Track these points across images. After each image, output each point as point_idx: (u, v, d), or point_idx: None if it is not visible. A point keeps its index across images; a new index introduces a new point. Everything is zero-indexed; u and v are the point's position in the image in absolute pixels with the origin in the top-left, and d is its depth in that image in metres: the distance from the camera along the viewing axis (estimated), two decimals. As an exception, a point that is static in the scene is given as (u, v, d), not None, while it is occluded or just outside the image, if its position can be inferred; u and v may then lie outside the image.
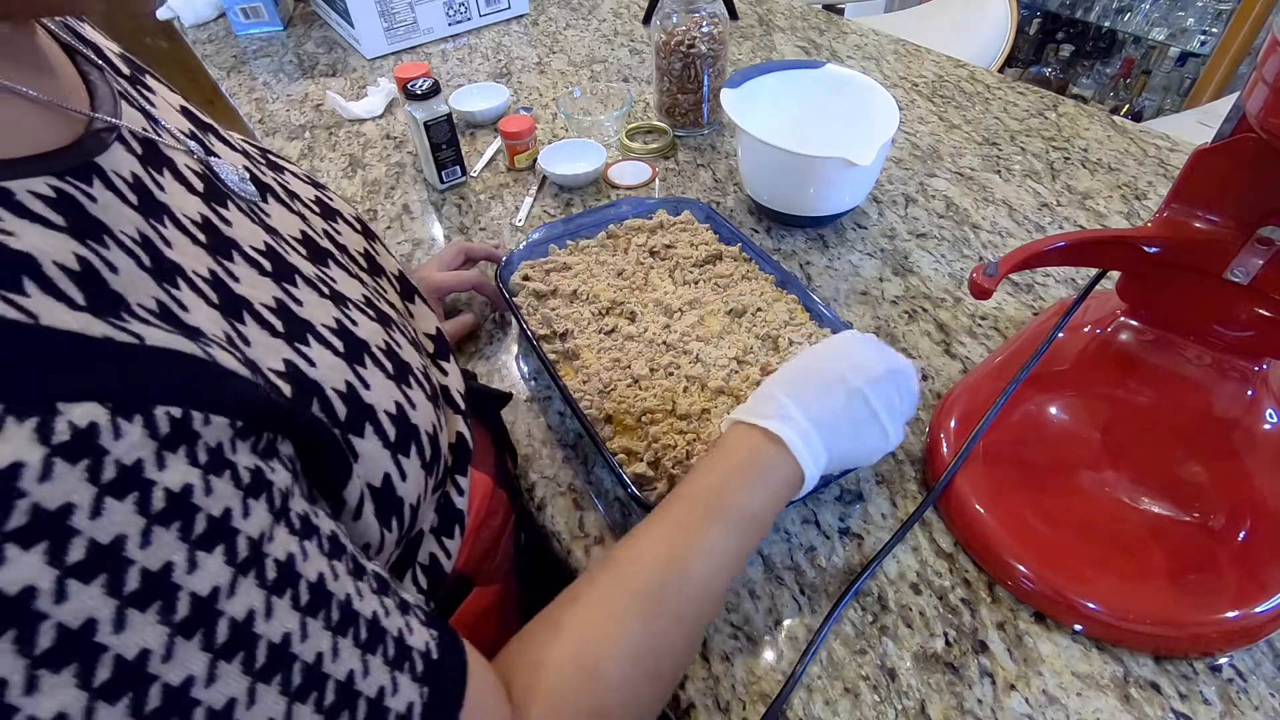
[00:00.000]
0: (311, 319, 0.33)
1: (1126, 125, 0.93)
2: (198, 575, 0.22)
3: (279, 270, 0.34)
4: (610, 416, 0.55)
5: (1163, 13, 2.08)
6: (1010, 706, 0.44)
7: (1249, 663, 0.45)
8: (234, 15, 1.30)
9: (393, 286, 0.47)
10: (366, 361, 0.35)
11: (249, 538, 0.24)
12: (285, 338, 0.31)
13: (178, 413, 0.22)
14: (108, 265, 0.24)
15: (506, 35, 1.26)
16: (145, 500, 0.21)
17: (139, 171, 0.29)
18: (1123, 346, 0.57)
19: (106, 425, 0.20)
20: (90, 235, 0.24)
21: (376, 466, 0.33)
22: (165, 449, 0.21)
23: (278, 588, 0.24)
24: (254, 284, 0.31)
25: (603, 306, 0.63)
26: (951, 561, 0.51)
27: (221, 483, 0.23)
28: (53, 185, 0.24)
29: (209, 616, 0.22)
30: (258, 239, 0.34)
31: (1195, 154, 0.48)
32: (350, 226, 0.46)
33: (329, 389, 0.31)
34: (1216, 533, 0.49)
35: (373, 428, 0.33)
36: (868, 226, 0.80)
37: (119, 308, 0.23)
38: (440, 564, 0.42)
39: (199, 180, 0.33)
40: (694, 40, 0.88)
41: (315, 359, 0.31)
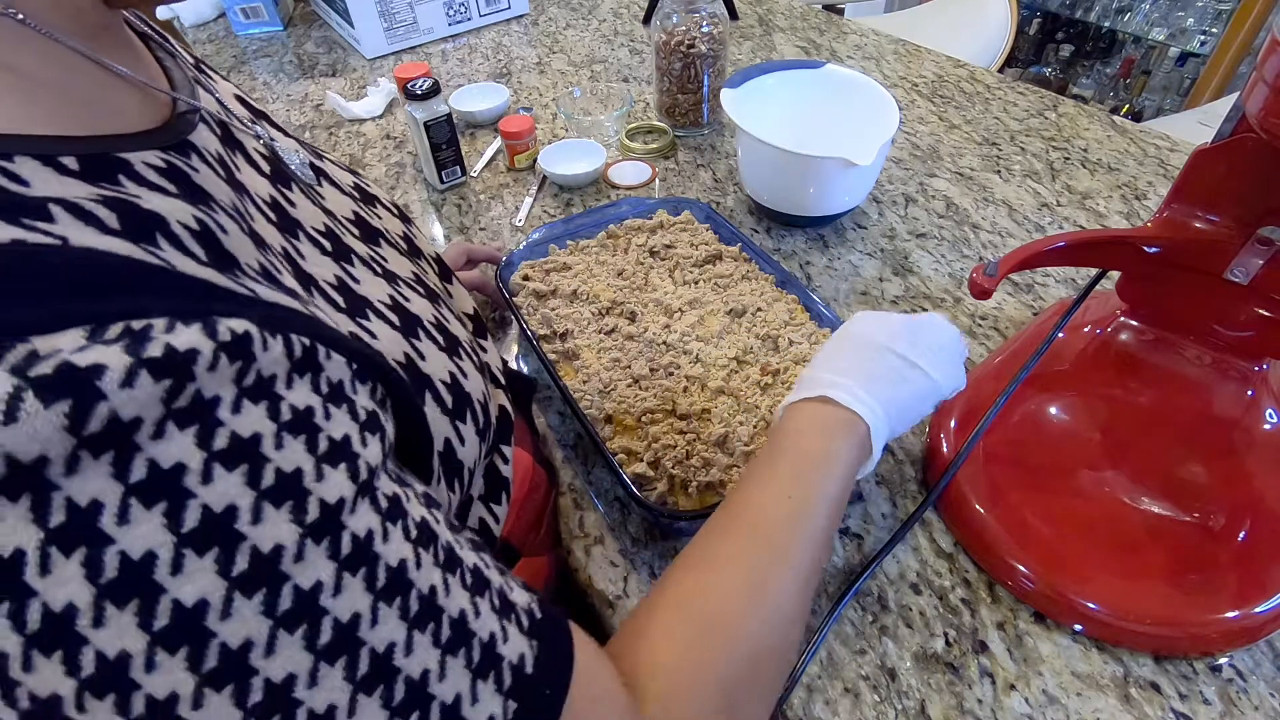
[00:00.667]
0: (369, 295, 0.34)
1: (1126, 125, 0.93)
2: (324, 485, 0.22)
3: (338, 250, 0.35)
4: (610, 416, 0.55)
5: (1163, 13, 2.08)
6: (1010, 706, 0.44)
7: (1249, 663, 0.45)
8: (234, 15, 1.30)
9: (432, 268, 0.48)
10: (420, 335, 0.36)
11: (368, 464, 0.24)
12: (348, 313, 0.32)
13: (308, 342, 0.24)
14: (219, 227, 0.25)
15: (506, 35, 1.26)
16: (275, 410, 0.22)
17: (221, 151, 0.31)
18: (1123, 346, 0.57)
19: (258, 337, 0.21)
20: (201, 200, 0.25)
21: (439, 432, 0.34)
22: (295, 371, 0.23)
23: (391, 516, 0.25)
24: (317, 262, 0.33)
25: (603, 306, 0.63)
26: (951, 561, 0.51)
27: (340, 413, 0.24)
28: (162, 158, 0.26)
29: (333, 527, 0.22)
30: (318, 220, 0.36)
31: (1195, 154, 0.48)
32: (389, 211, 0.48)
33: (390, 360, 0.32)
34: (1216, 533, 0.49)
35: (432, 396, 0.34)
36: (868, 226, 0.80)
37: (233, 266, 0.25)
38: (490, 529, 0.43)
39: (266, 163, 0.35)
40: (694, 40, 0.88)
41: (376, 332, 0.32)
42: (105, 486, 0.18)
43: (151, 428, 0.19)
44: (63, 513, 0.18)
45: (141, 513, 0.19)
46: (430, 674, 0.24)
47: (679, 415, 0.54)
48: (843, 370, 0.44)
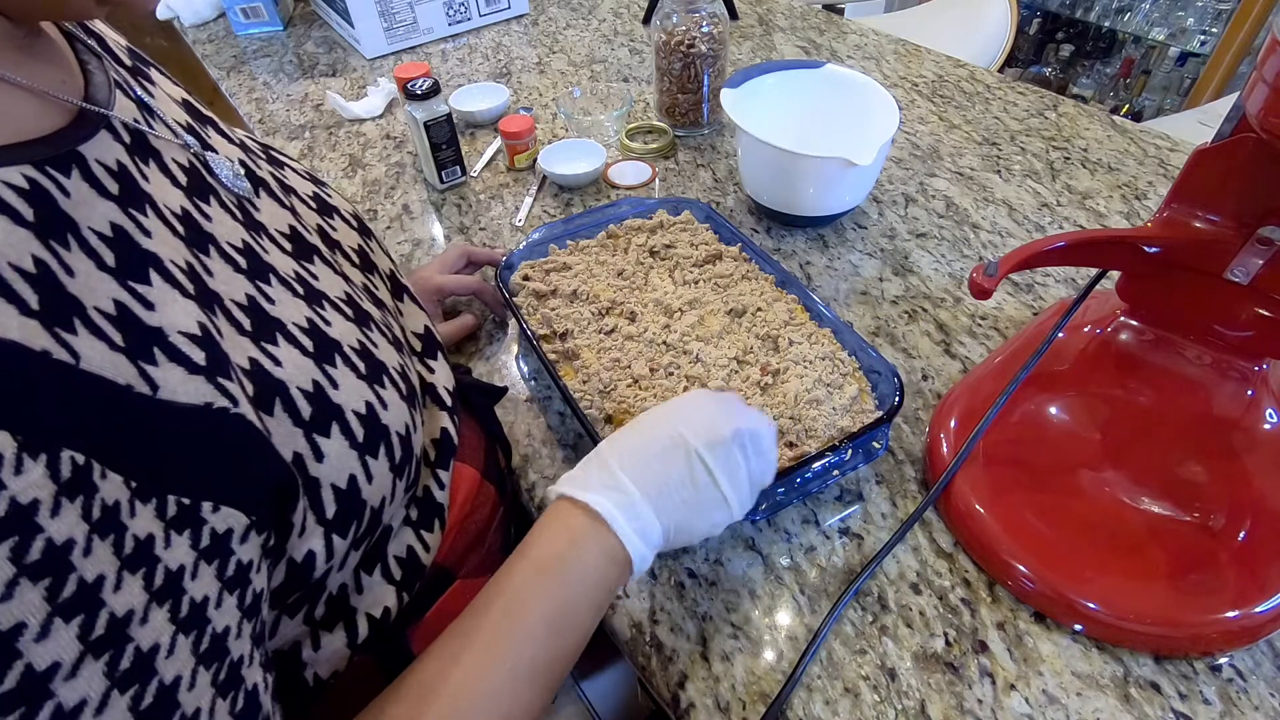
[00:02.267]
0: (282, 317, 0.33)
1: (1126, 125, 0.93)
2: (44, 646, 0.20)
3: (254, 267, 0.34)
4: (610, 416, 0.55)
5: (1163, 13, 2.08)
6: (1010, 706, 0.44)
7: (1249, 663, 0.45)
8: (234, 15, 1.30)
9: (384, 284, 0.47)
10: (337, 361, 0.35)
11: (112, 614, 0.22)
12: (251, 336, 0.31)
13: (81, 460, 0.22)
14: (65, 268, 0.24)
15: (506, 35, 1.26)
16: (24, 548, 0.20)
17: (124, 160, 0.30)
18: (1123, 346, 0.57)
19: (11, 458, 0.20)
20: (54, 234, 0.25)
21: (343, 467, 0.33)
22: (62, 494, 0.21)
23: (123, 682, 0.22)
24: (227, 280, 0.32)
25: (603, 306, 0.63)
26: (951, 561, 0.51)
27: (103, 546, 0.22)
28: (28, 176, 0.25)
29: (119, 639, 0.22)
30: (236, 236, 0.35)
31: (1195, 154, 0.48)
32: (346, 223, 0.47)
33: (294, 388, 0.32)
34: (1216, 533, 0.49)
35: (339, 427, 0.33)
36: (868, 226, 0.80)
37: (72, 313, 0.24)
38: (418, 556, 0.42)
39: (184, 174, 0.34)
40: (694, 40, 0.88)
41: (281, 358, 0.32)
42: None
43: None
44: None
45: None
46: None
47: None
48: (634, 470, 0.39)
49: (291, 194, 0.43)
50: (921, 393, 0.62)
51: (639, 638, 0.48)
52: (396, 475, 0.37)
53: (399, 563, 0.41)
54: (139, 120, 0.33)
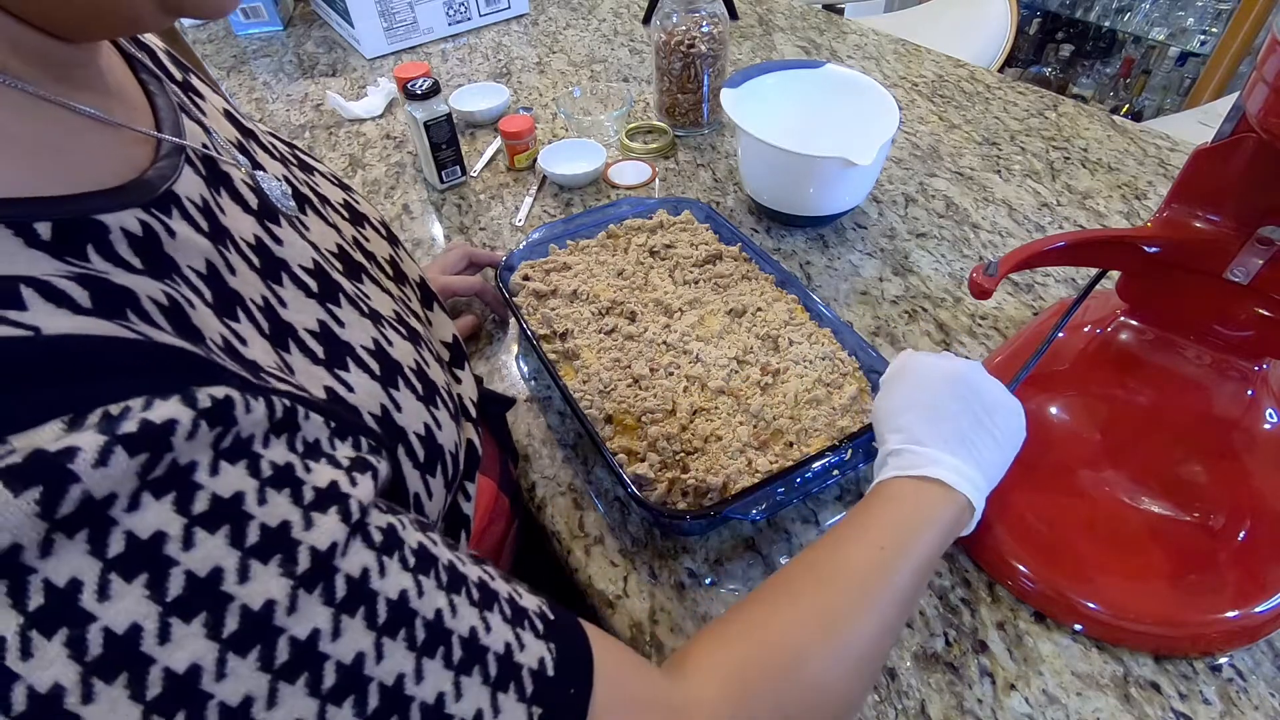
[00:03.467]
0: (352, 341, 0.33)
1: (1126, 125, 0.93)
2: (313, 532, 0.22)
3: (324, 289, 0.34)
4: (610, 416, 0.55)
5: (1163, 13, 2.08)
6: (1010, 706, 0.44)
7: (1249, 663, 0.45)
8: (234, 15, 1.30)
9: (415, 294, 0.47)
10: (399, 383, 0.35)
11: (359, 502, 0.24)
12: (326, 364, 0.31)
13: (288, 403, 0.24)
14: (187, 302, 0.25)
15: (506, 35, 1.26)
16: (255, 468, 0.22)
17: (205, 194, 0.30)
18: (1123, 346, 0.57)
19: (239, 400, 0.22)
20: (167, 273, 0.25)
21: (410, 487, 0.33)
22: (272, 432, 0.23)
23: (387, 548, 0.25)
24: (300, 307, 0.32)
25: (603, 306, 0.63)
26: (951, 561, 0.51)
27: (320, 465, 0.24)
28: (141, 220, 0.25)
29: (325, 574, 0.22)
30: (306, 256, 0.34)
31: (1195, 154, 0.48)
32: (377, 232, 0.46)
33: (366, 413, 0.31)
34: (1216, 533, 0.49)
35: (405, 450, 0.33)
36: (868, 226, 0.80)
37: (199, 341, 0.24)
38: None
39: (253, 195, 0.34)
40: (694, 40, 0.88)
41: (354, 384, 0.32)
42: (83, 564, 0.18)
43: (126, 501, 0.19)
44: (41, 595, 0.18)
45: (122, 586, 0.19)
46: (446, 696, 0.24)
47: (679, 415, 0.54)
48: (943, 439, 0.42)
49: (328, 205, 0.42)
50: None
51: (639, 638, 0.48)
52: (448, 492, 0.37)
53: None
54: (207, 145, 0.32)
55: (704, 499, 0.50)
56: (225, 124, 0.37)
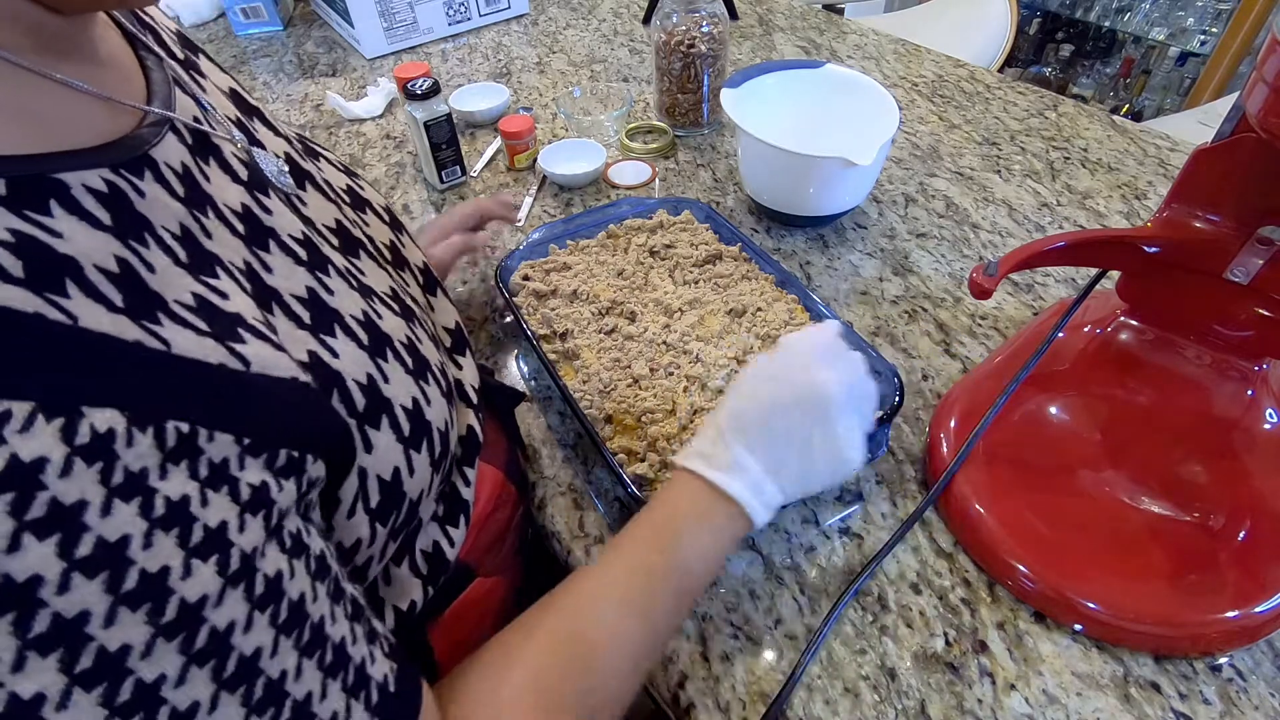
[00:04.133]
0: (341, 309, 0.34)
1: (1126, 125, 0.93)
2: (190, 582, 0.22)
3: (314, 259, 0.35)
4: (610, 416, 0.55)
5: (1163, 13, 2.08)
6: (1010, 706, 0.44)
7: (1249, 663, 0.45)
8: (234, 15, 1.30)
9: (415, 280, 0.47)
10: (388, 355, 0.35)
11: (242, 551, 0.24)
12: (311, 329, 0.32)
13: (185, 428, 0.23)
14: (146, 265, 0.25)
15: (506, 35, 1.26)
16: (148, 506, 0.22)
17: (188, 162, 0.30)
18: (1123, 346, 0.57)
19: (122, 432, 0.21)
20: (133, 234, 0.25)
21: (388, 460, 0.34)
22: (169, 461, 0.22)
23: (261, 603, 0.24)
24: (287, 274, 0.33)
25: (603, 306, 0.63)
26: (951, 561, 0.51)
27: (219, 497, 0.24)
28: (106, 179, 0.25)
29: (193, 623, 0.22)
30: (295, 228, 0.35)
31: (1195, 154, 0.48)
32: (379, 218, 0.47)
33: (350, 380, 0.32)
34: (1216, 533, 0.49)
35: (389, 421, 0.34)
36: (868, 226, 0.80)
37: (156, 308, 0.25)
38: (443, 551, 0.43)
39: (244, 168, 0.34)
40: (694, 40, 0.88)
41: (339, 350, 0.32)
42: None
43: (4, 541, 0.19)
44: None
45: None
46: None
47: (679, 415, 0.54)
48: (765, 460, 0.42)
49: (330, 187, 0.43)
50: (921, 393, 0.62)
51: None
52: (435, 470, 0.38)
53: (425, 557, 0.42)
54: (199, 120, 0.33)
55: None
56: (226, 102, 0.38)
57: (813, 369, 0.44)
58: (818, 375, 0.43)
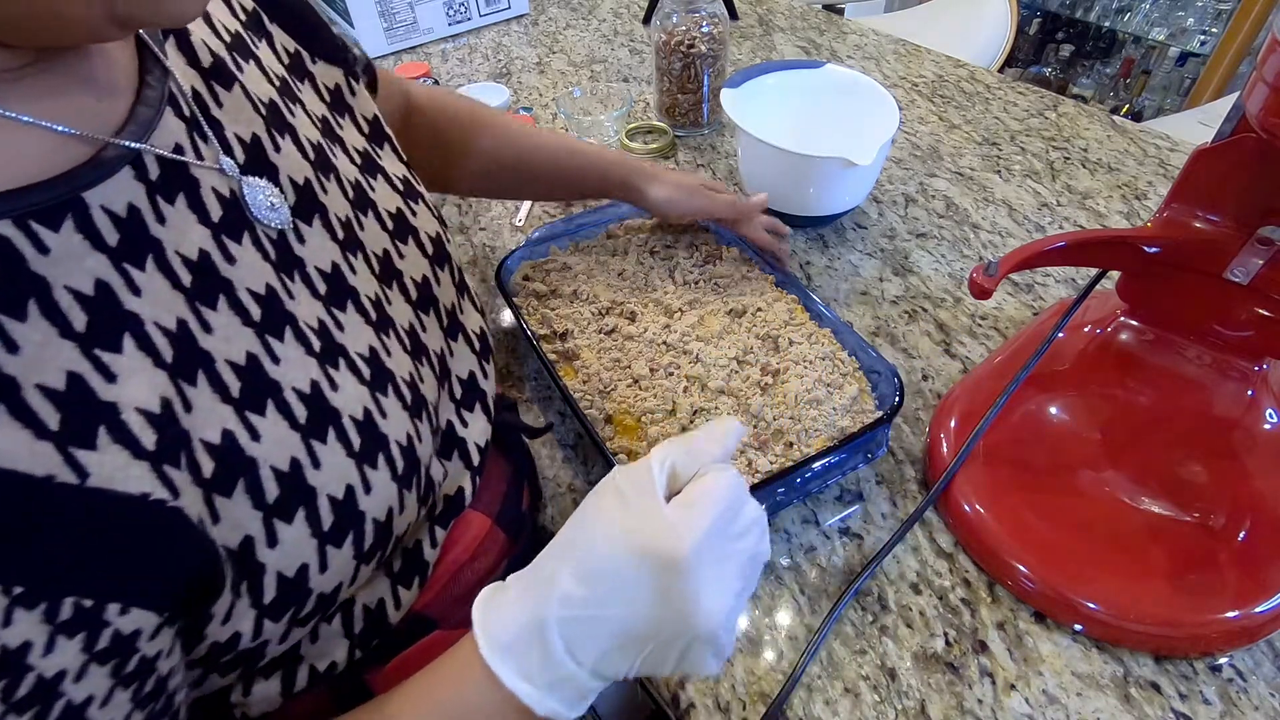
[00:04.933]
0: (283, 380, 0.31)
1: (1126, 125, 0.93)
2: None
3: (269, 319, 0.32)
4: (610, 417, 0.55)
5: (1163, 13, 2.08)
6: (1010, 706, 0.44)
7: (1249, 663, 0.45)
8: (234, 15, 1.30)
9: (438, 321, 0.44)
10: (329, 434, 0.32)
11: None
12: (236, 404, 0.29)
13: None
14: (6, 344, 0.23)
15: (506, 35, 1.26)
16: None
17: (139, 202, 0.28)
18: (1123, 346, 0.57)
19: None
20: (14, 300, 0.23)
21: (295, 556, 0.31)
22: None
23: None
24: (230, 336, 0.30)
25: (603, 306, 0.63)
26: (951, 561, 0.51)
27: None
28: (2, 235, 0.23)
29: None
30: (260, 280, 0.32)
31: (1195, 154, 0.48)
32: (420, 249, 0.43)
33: (266, 467, 0.29)
34: (1216, 533, 0.49)
35: (305, 513, 0.31)
36: (868, 226, 0.80)
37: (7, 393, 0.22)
38: (386, 612, 0.39)
39: (220, 206, 0.31)
40: (694, 40, 0.88)
41: (263, 431, 0.30)
42: None
43: None
44: None
45: None
46: None
47: (679, 415, 0.54)
48: (587, 656, 0.31)
49: (369, 211, 0.40)
50: (921, 393, 0.62)
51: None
52: (363, 562, 0.35)
53: (366, 614, 0.38)
54: (182, 147, 0.30)
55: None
56: (251, 114, 0.35)
57: (689, 579, 0.30)
58: (694, 598, 0.30)
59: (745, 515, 0.33)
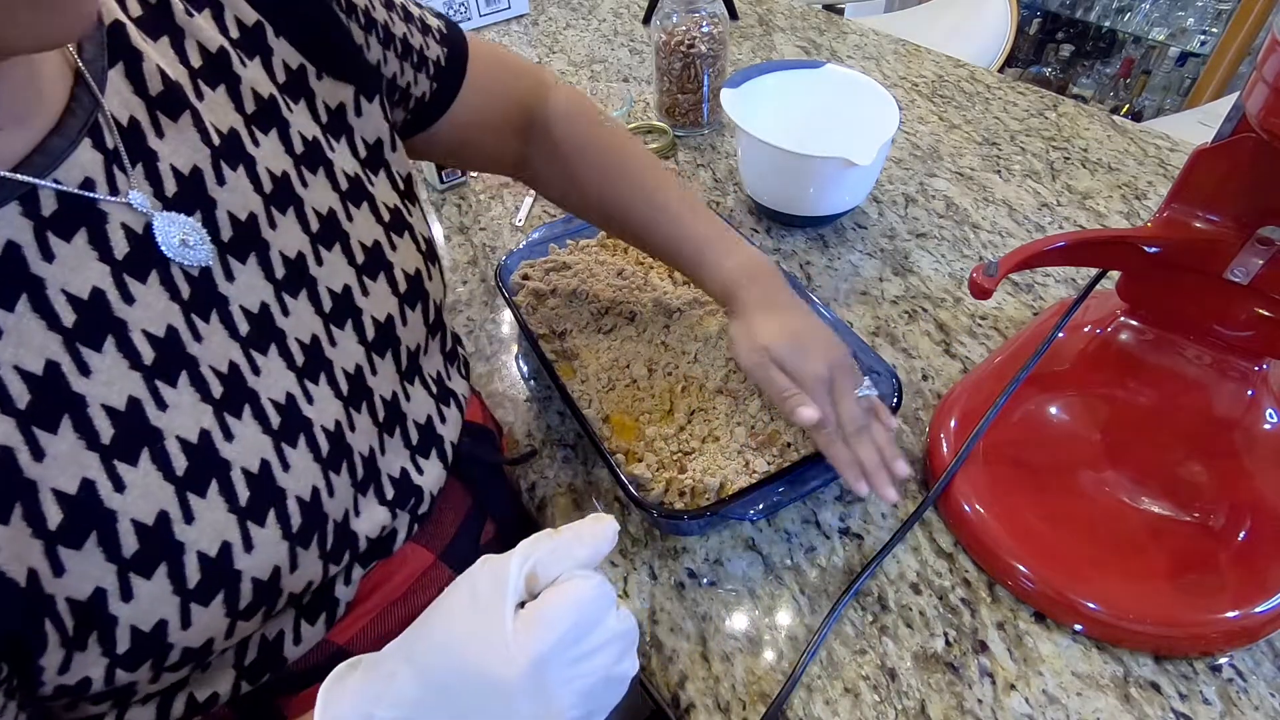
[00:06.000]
0: (166, 427, 0.30)
1: (1126, 125, 0.93)
2: None
3: (161, 362, 0.30)
4: (609, 416, 0.55)
5: (1163, 13, 2.08)
6: (1010, 706, 0.44)
7: (1249, 663, 0.45)
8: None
9: (394, 364, 0.42)
10: (211, 487, 0.31)
11: None
12: (104, 452, 0.28)
13: None
14: None
15: (506, 35, 1.26)
16: None
17: (22, 239, 0.27)
18: (1123, 346, 0.57)
19: None
20: None
21: (153, 612, 0.29)
22: None
23: None
24: (110, 379, 0.29)
25: (602, 306, 0.63)
26: (951, 561, 0.51)
27: None
28: None
29: None
30: (160, 321, 0.31)
31: (1195, 154, 0.48)
32: (391, 287, 0.41)
33: (125, 520, 0.28)
34: (1216, 533, 0.49)
35: (167, 570, 0.29)
36: (868, 226, 0.80)
37: None
38: (282, 645, 0.38)
39: (128, 242, 0.30)
40: (694, 40, 0.88)
41: (129, 481, 0.29)
42: None
43: None
44: None
45: None
46: None
47: (676, 415, 0.54)
48: None
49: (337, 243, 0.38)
50: (921, 393, 0.62)
51: (639, 637, 0.48)
52: (239, 618, 0.33)
53: (261, 645, 0.37)
54: (92, 181, 0.29)
55: (701, 499, 0.50)
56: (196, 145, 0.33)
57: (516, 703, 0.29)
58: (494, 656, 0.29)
59: (602, 631, 0.30)
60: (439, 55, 0.49)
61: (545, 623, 0.29)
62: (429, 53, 0.48)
